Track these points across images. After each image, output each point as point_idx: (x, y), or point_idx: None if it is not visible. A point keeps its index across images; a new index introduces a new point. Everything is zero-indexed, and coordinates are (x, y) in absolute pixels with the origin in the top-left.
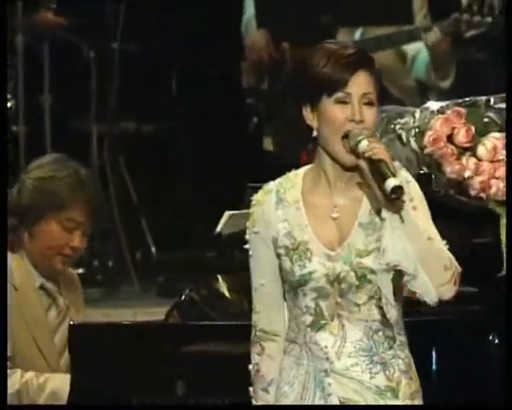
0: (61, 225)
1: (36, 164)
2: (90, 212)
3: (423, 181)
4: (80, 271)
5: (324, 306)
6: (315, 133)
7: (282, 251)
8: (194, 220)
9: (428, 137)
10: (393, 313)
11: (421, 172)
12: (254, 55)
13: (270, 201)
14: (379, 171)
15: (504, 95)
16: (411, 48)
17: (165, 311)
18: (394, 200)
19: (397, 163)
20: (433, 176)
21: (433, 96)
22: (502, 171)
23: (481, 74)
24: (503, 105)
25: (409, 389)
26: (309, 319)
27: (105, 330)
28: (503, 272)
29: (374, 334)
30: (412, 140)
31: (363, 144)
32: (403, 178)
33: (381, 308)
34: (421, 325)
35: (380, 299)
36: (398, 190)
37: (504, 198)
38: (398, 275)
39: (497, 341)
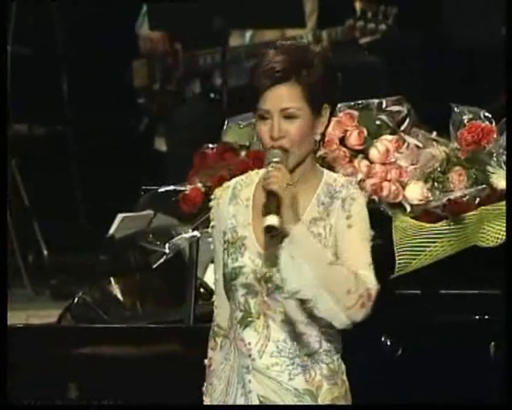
0: None
1: None
2: None
3: None
4: None
5: (252, 303)
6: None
7: (225, 245)
8: (86, 223)
9: None
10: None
11: None
12: (147, 54)
13: (226, 196)
14: (266, 201)
15: (397, 98)
16: None
17: (58, 314)
18: (269, 237)
19: (351, 179)
20: None
21: None
22: (394, 173)
23: (373, 78)
24: (396, 108)
25: (330, 395)
26: (239, 315)
27: None
28: (396, 274)
29: (297, 337)
30: None
31: (266, 169)
32: (349, 194)
33: (306, 313)
34: None
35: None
36: (272, 230)
37: (396, 200)
38: None
39: (388, 342)
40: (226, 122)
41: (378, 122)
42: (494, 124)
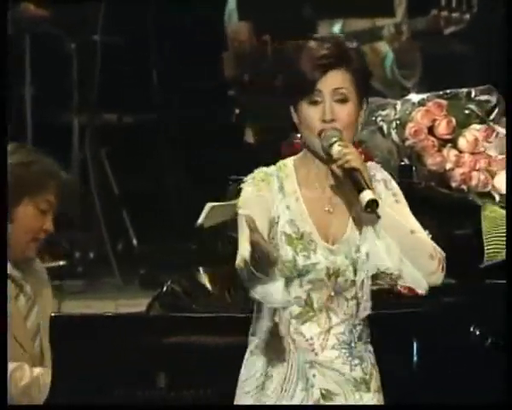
0: (38, 208)
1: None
2: (59, 194)
3: (404, 173)
4: (61, 263)
5: (315, 298)
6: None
7: (283, 238)
8: (175, 212)
9: (409, 128)
10: (368, 310)
11: (402, 163)
12: (236, 46)
13: (274, 183)
14: (353, 180)
15: (486, 87)
16: (382, 46)
17: (147, 303)
18: (369, 213)
19: (373, 164)
20: (414, 168)
21: (414, 88)
22: (483, 163)
23: (462, 67)
24: (485, 97)
25: (377, 382)
26: (297, 309)
27: (87, 322)
28: (484, 264)
29: (353, 328)
30: (393, 132)
31: (335, 149)
32: (385, 175)
33: (359, 304)
34: (400, 318)
35: (359, 295)
36: (373, 204)
37: (485, 190)
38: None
39: (478, 332)
40: None
41: (467, 111)
42: None
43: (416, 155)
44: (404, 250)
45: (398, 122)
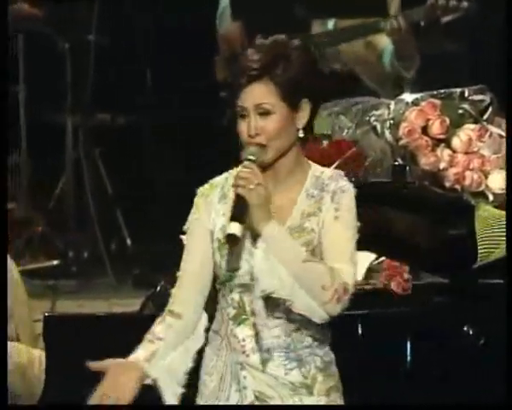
0: None
1: None
2: None
3: (398, 173)
4: (55, 262)
5: (247, 301)
6: None
7: (215, 244)
8: (168, 212)
9: (403, 128)
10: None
11: (396, 163)
12: (228, 47)
13: (215, 195)
14: (234, 205)
15: (479, 86)
16: (380, 39)
17: (140, 302)
18: (230, 244)
19: (337, 172)
20: (408, 167)
21: (408, 88)
22: (476, 162)
23: (457, 66)
24: (478, 97)
25: (324, 386)
26: (232, 311)
27: (80, 322)
28: (477, 263)
29: (292, 332)
30: (387, 132)
31: (239, 169)
32: (339, 187)
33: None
34: (394, 317)
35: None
36: (233, 239)
37: (478, 189)
38: None
39: (471, 332)
40: None
41: (460, 111)
42: None
43: (409, 154)
44: (297, 278)
45: (391, 122)
